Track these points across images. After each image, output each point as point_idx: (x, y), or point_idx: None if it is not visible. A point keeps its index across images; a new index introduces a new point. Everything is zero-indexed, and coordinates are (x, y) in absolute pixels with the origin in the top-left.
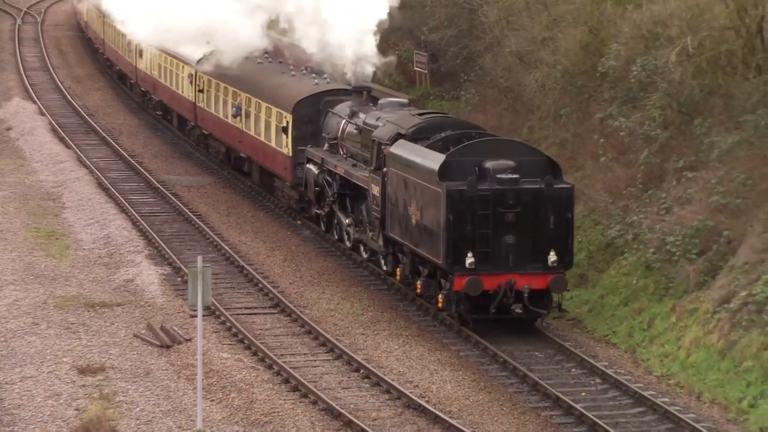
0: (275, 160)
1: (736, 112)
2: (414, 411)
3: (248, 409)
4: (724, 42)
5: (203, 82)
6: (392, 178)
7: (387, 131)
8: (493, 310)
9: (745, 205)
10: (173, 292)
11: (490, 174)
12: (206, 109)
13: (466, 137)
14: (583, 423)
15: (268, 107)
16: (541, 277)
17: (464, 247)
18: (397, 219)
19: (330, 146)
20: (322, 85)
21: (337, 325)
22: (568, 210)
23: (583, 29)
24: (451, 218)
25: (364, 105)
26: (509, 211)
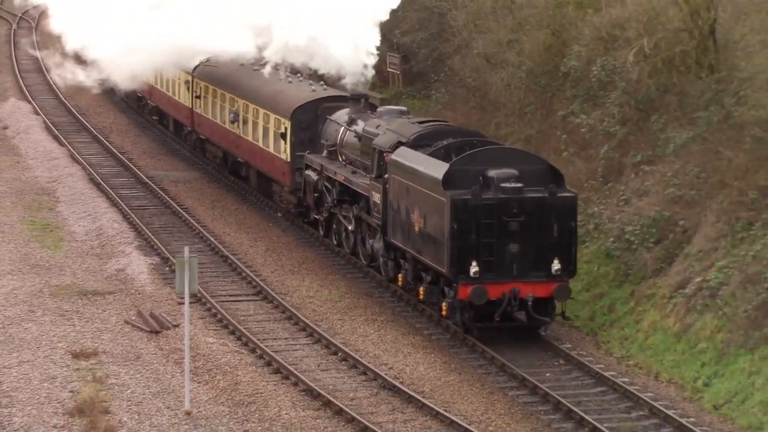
0: (273, 166)
1: (690, 109)
2: (389, 391)
3: (233, 391)
4: (678, 43)
5: (200, 88)
6: (394, 185)
7: (387, 139)
8: (497, 319)
9: (699, 197)
10: (162, 281)
11: (494, 183)
12: (203, 115)
13: (467, 145)
14: (547, 402)
15: (266, 113)
16: (545, 285)
17: (468, 255)
18: (399, 226)
19: (329, 153)
20: (319, 92)
21: (316, 311)
22: (572, 218)
23: (546, 32)
24: (456, 227)
25: (362, 112)
26: (513, 219)
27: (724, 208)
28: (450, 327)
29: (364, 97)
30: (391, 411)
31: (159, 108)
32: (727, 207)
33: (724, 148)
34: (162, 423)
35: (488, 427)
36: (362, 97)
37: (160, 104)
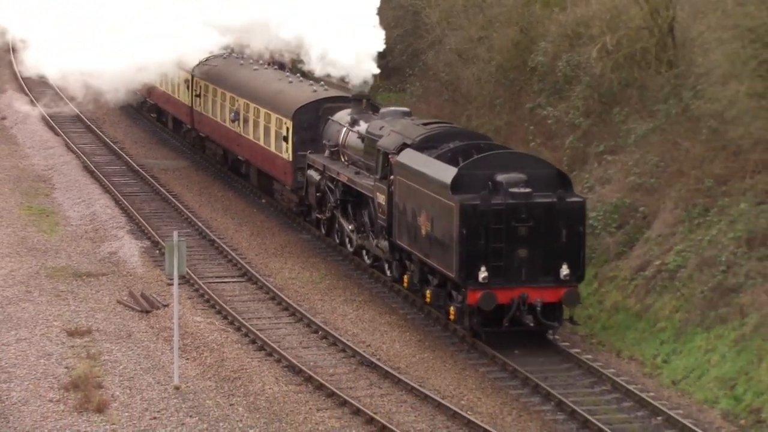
0: (275, 165)
1: (650, 102)
2: (367, 367)
3: (219, 367)
4: (639, 40)
5: (200, 87)
6: (400, 187)
7: (392, 141)
8: (506, 324)
9: (658, 185)
10: (152, 263)
11: (503, 188)
12: (203, 113)
13: (474, 148)
14: (516, 377)
15: (267, 113)
16: (554, 290)
17: (477, 260)
18: (405, 228)
19: (331, 153)
20: (320, 92)
21: (298, 292)
22: (580, 223)
23: (514, 29)
24: (465, 232)
25: (364, 113)
26: (522, 224)
27: (681, 195)
28: (424, 307)
29: (365, 97)
30: (369, 386)
31: (158, 106)
32: (685, 194)
33: (681, 139)
34: (152, 397)
35: (460, 401)
36: (364, 98)
37: (158, 102)
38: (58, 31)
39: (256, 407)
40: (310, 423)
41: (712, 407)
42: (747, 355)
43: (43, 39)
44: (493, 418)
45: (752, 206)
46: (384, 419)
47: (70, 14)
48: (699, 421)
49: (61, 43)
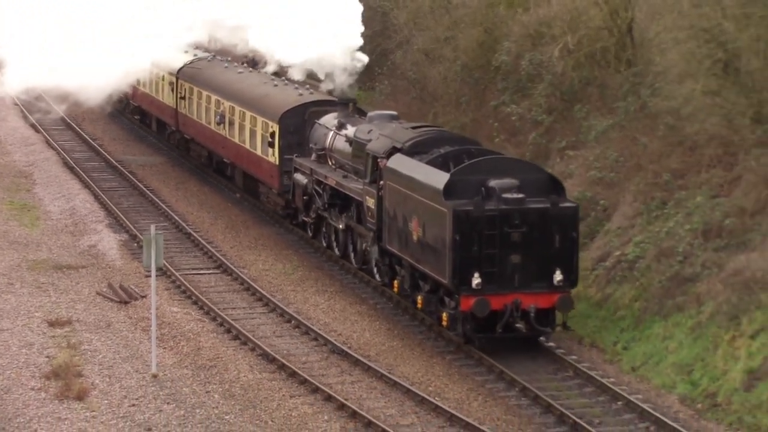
0: (261, 168)
1: (610, 100)
2: (338, 355)
3: (196, 355)
4: (599, 40)
5: (185, 89)
6: (390, 192)
7: (381, 145)
8: (499, 330)
9: (618, 179)
10: (130, 256)
11: (495, 193)
12: (188, 116)
13: (465, 153)
14: (482, 365)
15: (253, 116)
16: (547, 296)
17: (470, 267)
18: (396, 233)
19: (318, 156)
20: (306, 95)
21: (271, 283)
22: (574, 229)
23: (479, 29)
24: (458, 238)
25: (351, 116)
26: (515, 230)
27: (640, 189)
28: (393, 297)
29: (352, 101)
30: (340, 373)
31: (141, 108)
32: (643, 188)
33: (640, 134)
34: (131, 385)
35: (428, 387)
36: (350, 102)
37: (142, 104)
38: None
39: (232, 394)
40: (283, 409)
41: (669, 392)
42: (703, 342)
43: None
44: (460, 403)
45: (707, 199)
46: (355, 405)
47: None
48: (657, 405)
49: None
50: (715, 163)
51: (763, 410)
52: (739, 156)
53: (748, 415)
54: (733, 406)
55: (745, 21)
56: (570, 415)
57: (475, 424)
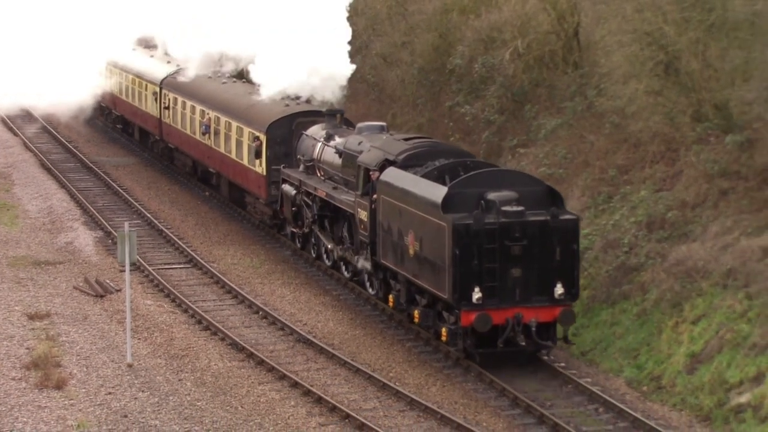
0: (248, 178)
1: (558, 100)
2: (303, 344)
3: (169, 345)
4: (547, 44)
5: (169, 99)
6: (384, 205)
7: (373, 157)
8: (500, 345)
9: (567, 175)
10: (105, 252)
11: (495, 206)
12: (173, 125)
13: (461, 166)
14: (439, 351)
15: (239, 127)
16: (548, 309)
17: (471, 281)
18: (391, 247)
19: (306, 168)
20: (292, 106)
21: (239, 276)
22: (574, 241)
23: (434, 34)
24: (458, 252)
25: (339, 128)
26: (516, 244)
27: (587, 184)
28: (355, 289)
29: (339, 112)
30: (306, 361)
31: (124, 117)
32: (591, 183)
33: (587, 133)
34: (107, 374)
35: (389, 373)
36: (337, 113)
37: (124, 114)
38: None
39: (203, 382)
40: (252, 396)
41: (617, 375)
42: (648, 327)
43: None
44: (420, 388)
45: (651, 193)
46: (320, 391)
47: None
48: (605, 388)
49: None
50: (657, 159)
51: (705, 392)
52: (680, 152)
53: (690, 396)
54: (676, 388)
55: (684, 25)
56: (524, 399)
57: (434, 408)
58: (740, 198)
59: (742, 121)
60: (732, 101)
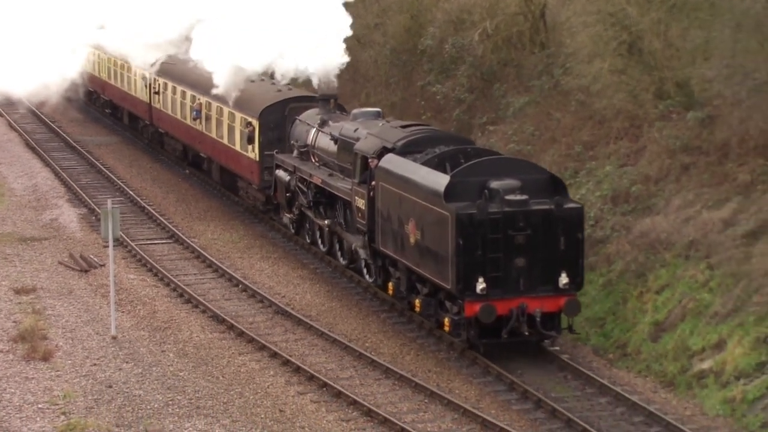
0: (240, 164)
1: (526, 79)
2: (282, 316)
3: (152, 318)
4: (515, 25)
5: (159, 85)
6: (383, 193)
7: (371, 144)
8: (505, 336)
9: (534, 151)
10: (89, 228)
11: (499, 195)
12: (163, 110)
13: (461, 153)
14: (412, 322)
15: (231, 112)
16: (553, 299)
17: (475, 271)
18: (390, 235)
19: (300, 153)
20: (285, 92)
21: (219, 251)
22: (579, 230)
23: (406, 16)
24: (461, 242)
25: (333, 113)
26: (519, 233)
27: (555, 159)
28: (332, 262)
29: (333, 97)
30: (284, 332)
31: (112, 102)
32: (557, 159)
33: (553, 110)
34: (92, 346)
35: (365, 343)
36: (331, 98)
37: (113, 99)
38: None
39: (185, 353)
40: (233, 366)
41: (584, 344)
42: (614, 296)
43: None
44: (395, 357)
45: (616, 168)
46: (298, 361)
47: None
48: (573, 356)
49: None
50: (622, 135)
51: (668, 358)
52: (644, 128)
53: (655, 363)
54: (641, 356)
55: (646, 6)
56: (494, 366)
57: (408, 376)
58: (701, 172)
59: (703, 98)
60: (693, 79)
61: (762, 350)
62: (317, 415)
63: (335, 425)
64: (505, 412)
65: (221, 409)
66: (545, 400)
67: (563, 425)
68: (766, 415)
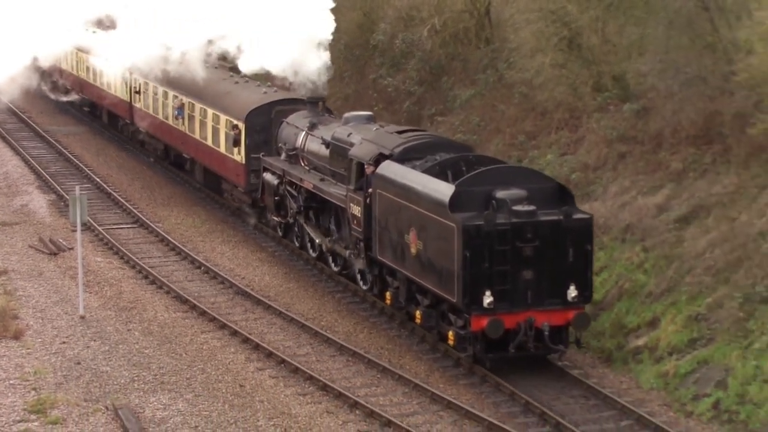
0: (226, 166)
1: (472, 73)
2: (242, 296)
3: (118, 298)
4: (461, 21)
5: (139, 84)
6: (381, 201)
7: (367, 150)
8: (512, 350)
9: (480, 140)
10: (58, 213)
11: (506, 206)
12: (144, 110)
13: (463, 161)
14: (365, 302)
15: (215, 114)
16: (561, 313)
17: (481, 285)
18: (389, 244)
19: (289, 157)
20: (270, 94)
21: (182, 235)
22: (588, 241)
23: (358, 13)
24: (468, 255)
25: (321, 116)
26: (527, 245)
27: (499, 149)
28: (289, 246)
29: (320, 99)
30: (244, 311)
31: (92, 101)
32: (502, 148)
33: (498, 102)
34: (61, 325)
35: (321, 322)
36: (319, 100)
37: (92, 97)
38: None
39: (150, 331)
40: (195, 343)
41: None
42: None
43: None
44: (349, 335)
45: (557, 157)
46: (257, 339)
47: None
48: None
49: None
50: (562, 125)
51: (606, 336)
52: (583, 119)
53: (594, 340)
54: None
55: (585, 3)
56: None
57: (362, 353)
58: (637, 161)
59: (638, 91)
60: (629, 73)
61: (693, 327)
62: (275, 389)
63: (292, 399)
64: (453, 387)
65: (184, 385)
66: (491, 375)
67: (507, 398)
68: (697, 388)
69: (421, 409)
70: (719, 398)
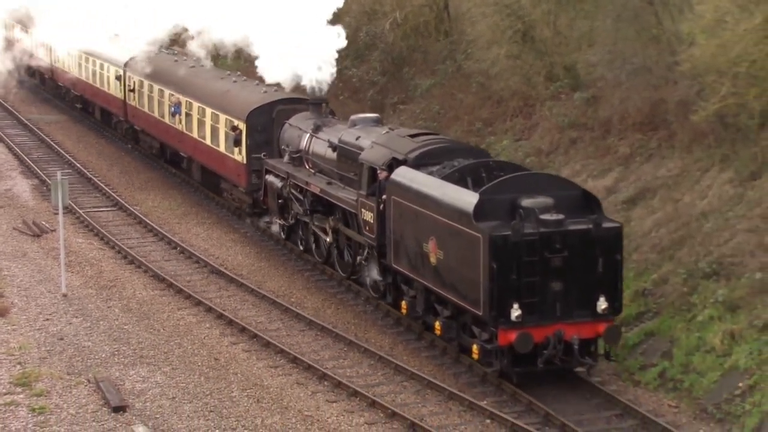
0: (226, 166)
1: (432, 63)
2: (216, 275)
3: (98, 277)
4: (422, 15)
5: (134, 82)
6: (396, 208)
7: (379, 155)
8: (541, 365)
9: (440, 127)
10: (41, 197)
11: (533, 215)
12: (139, 108)
13: (483, 167)
14: (333, 279)
15: (214, 113)
16: (591, 325)
17: (509, 297)
18: (405, 253)
19: (292, 159)
20: (271, 93)
21: (159, 217)
22: (617, 251)
23: None
24: (495, 266)
25: (325, 118)
26: (556, 255)
27: (458, 135)
28: (259, 228)
29: (324, 101)
30: (219, 289)
31: (83, 97)
32: (460, 134)
33: (457, 91)
34: (45, 303)
35: (291, 299)
36: (322, 102)
37: (84, 94)
38: None
39: (129, 309)
40: (172, 320)
41: None
42: None
43: None
44: (317, 311)
45: (512, 142)
46: (231, 315)
47: None
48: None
49: None
50: (517, 113)
51: None
52: (536, 107)
53: None
54: None
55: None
56: (406, 319)
57: (330, 327)
58: (587, 146)
59: (588, 80)
60: (579, 64)
61: (641, 302)
62: (248, 362)
63: (265, 371)
64: (415, 359)
65: (162, 358)
66: (451, 347)
67: (466, 369)
68: (645, 359)
69: (385, 379)
70: (665, 368)
